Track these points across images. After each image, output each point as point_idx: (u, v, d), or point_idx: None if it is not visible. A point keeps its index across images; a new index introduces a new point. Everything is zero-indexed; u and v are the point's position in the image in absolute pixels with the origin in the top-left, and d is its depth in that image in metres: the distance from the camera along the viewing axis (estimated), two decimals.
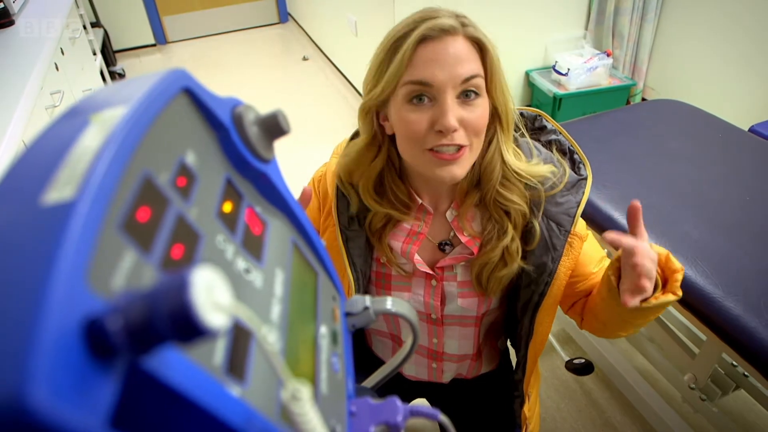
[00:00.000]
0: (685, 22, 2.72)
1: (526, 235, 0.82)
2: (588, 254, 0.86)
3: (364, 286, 0.88)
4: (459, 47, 0.69)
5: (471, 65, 0.70)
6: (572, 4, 2.87)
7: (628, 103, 2.93)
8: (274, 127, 0.35)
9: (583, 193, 0.81)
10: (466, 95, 0.71)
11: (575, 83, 2.69)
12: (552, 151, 0.85)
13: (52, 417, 0.15)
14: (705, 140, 1.53)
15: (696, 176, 1.38)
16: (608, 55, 2.77)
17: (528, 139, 0.84)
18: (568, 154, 0.86)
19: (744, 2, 2.41)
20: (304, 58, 3.92)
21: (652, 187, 1.34)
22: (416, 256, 0.84)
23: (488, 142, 0.78)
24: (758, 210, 1.26)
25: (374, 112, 0.78)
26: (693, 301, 1.07)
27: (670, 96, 2.75)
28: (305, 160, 2.76)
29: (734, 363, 1.26)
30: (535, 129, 0.89)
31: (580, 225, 0.83)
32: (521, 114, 0.88)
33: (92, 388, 0.17)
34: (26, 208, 0.20)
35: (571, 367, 1.41)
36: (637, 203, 0.70)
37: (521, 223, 0.81)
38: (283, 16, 4.61)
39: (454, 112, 0.69)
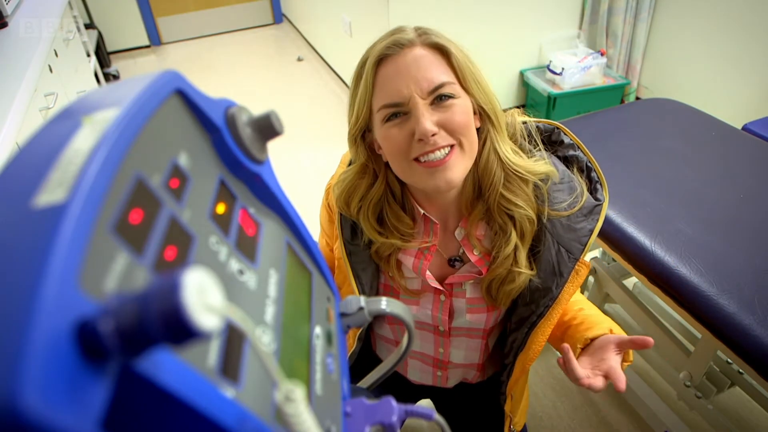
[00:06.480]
0: (678, 21, 2.73)
1: (533, 256, 0.81)
2: None
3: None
4: (418, 55, 0.70)
5: (434, 71, 0.70)
6: (566, 3, 2.88)
7: (622, 102, 2.93)
8: (267, 128, 0.35)
9: (597, 220, 0.79)
10: (439, 99, 0.70)
11: (569, 82, 2.69)
12: (573, 171, 0.82)
13: (43, 419, 0.16)
14: (699, 139, 1.54)
15: (690, 174, 1.38)
16: (602, 55, 2.77)
17: (544, 152, 0.82)
18: (585, 171, 0.83)
19: (737, 1, 2.42)
20: (299, 59, 3.91)
21: (646, 186, 1.34)
22: (427, 272, 0.84)
23: (482, 143, 0.77)
24: (752, 208, 1.26)
25: (361, 139, 0.78)
26: (687, 299, 1.08)
27: (664, 95, 2.76)
28: (299, 161, 2.77)
29: (729, 360, 1.27)
30: (552, 142, 0.87)
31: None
32: (537, 127, 0.85)
33: (84, 390, 0.17)
34: (18, 211, 0.20)
35: None
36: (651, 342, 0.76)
37: (529, 231, 0.79)
38: (278, 16, 4.60)
39: (428, 117, 0.69)
